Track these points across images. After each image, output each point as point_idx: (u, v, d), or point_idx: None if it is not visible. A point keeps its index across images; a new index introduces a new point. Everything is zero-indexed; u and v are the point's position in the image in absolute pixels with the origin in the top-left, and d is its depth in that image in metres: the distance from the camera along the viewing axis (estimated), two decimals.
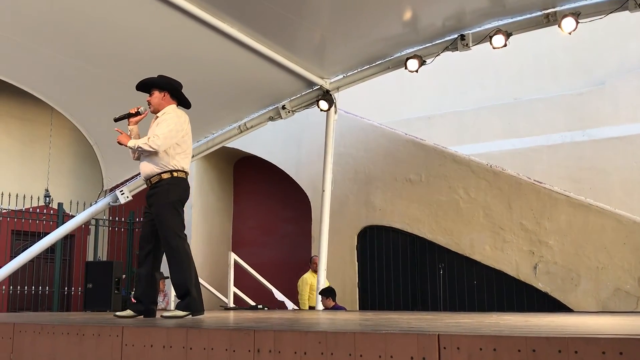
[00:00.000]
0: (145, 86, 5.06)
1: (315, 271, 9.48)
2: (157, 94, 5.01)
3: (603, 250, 8.54)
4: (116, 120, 5.12)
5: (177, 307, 4.72)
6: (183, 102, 5.16)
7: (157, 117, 5.00)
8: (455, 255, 9.64)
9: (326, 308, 8.83)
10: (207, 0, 7.05)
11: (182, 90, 5.18)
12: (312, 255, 10.29)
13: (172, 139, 4.84)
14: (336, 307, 8.89)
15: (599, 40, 10.73)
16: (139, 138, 4.97)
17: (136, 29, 7.34)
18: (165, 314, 4.66)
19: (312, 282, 9.69)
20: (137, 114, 5.03)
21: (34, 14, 6.87)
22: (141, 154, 4.94)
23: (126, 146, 4.89)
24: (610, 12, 7.25)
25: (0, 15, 6.82)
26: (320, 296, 8.91)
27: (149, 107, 5.05)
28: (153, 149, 4.77)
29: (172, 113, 4.96)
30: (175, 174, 4.89)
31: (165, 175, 4.86)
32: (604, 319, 4.46)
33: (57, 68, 7.79)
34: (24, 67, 7.83)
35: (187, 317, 4.61)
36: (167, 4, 6.87)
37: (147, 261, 4.95)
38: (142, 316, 4.87)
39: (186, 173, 4.99)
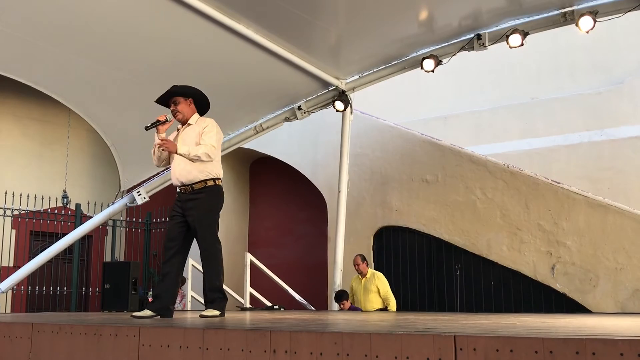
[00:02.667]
0: (169, 95, 5.10)
1: (358, 273, 8.94)
2: (183, 102, 5.07)
3: (622, 250, 8.46)
4: (147, 128, 5.17)
5: (213, 307, 4.83)
6: (206, 106, 5.23)
7: (190, 124, 5.08)
8: (471, 256, 9.59)
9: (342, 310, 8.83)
10: (222, 1, 7.08)
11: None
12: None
13: (219, 148, 5.07)
14: (352, 308, 8.88)
15: (618, 39, 10.64)
16: None
17: (153, 32, 7.38)
18: (203, 313, 4.77)
19: (352, 285, 9.06)
20: (166, 121, 5.08)
21: (53, 18, 6.94)
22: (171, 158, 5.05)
23: (176, 153, 4.95)
24: (629, 11, 7.18)
25: (21, 19, 6.90)
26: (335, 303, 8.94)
27: (176, 115, 5.09)
28: (209, 159, 4.94)
29: (213, 123, 5.08)
30: (217, 182, 5.11)
31: (209, 183, 5.05)
32: (623, 320, 4.42)
33: (75, 70, 7.86)
34: (42, 69, 7.91)
35: (220, 317, 4.77)
36: (183, 5, 6.91)
37: (173, 260, 5.03)
38: (159, 316, 4.91)
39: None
